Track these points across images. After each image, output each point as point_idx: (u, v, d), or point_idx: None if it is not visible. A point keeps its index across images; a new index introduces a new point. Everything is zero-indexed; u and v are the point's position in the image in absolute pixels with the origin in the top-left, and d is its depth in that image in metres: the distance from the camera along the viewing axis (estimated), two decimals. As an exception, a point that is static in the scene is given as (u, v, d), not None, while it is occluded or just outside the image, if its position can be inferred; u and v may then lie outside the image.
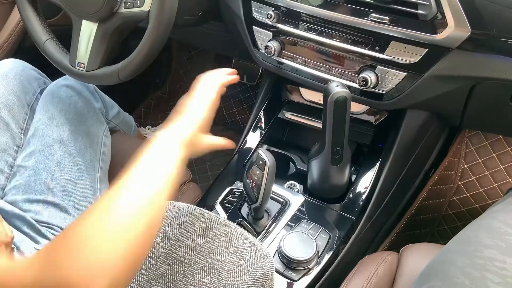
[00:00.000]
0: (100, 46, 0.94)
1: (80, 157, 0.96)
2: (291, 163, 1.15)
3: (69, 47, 0.99)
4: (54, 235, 0.85)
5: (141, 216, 0.47)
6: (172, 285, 0.62)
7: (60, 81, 1.05)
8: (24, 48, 1.33)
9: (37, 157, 0.92)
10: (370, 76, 0.87)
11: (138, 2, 0.88)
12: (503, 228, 0.59)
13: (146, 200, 0.49)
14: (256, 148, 1.14)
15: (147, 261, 0.65)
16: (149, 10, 0.87)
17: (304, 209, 0.97)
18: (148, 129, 1.65)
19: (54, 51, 1.01)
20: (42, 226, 0.85)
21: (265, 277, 0.66)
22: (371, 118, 1.09)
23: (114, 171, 1.06)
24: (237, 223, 0.93)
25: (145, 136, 1.56)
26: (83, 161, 0.96)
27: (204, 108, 0.64)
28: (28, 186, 0.89)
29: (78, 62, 0.97)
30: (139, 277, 0.64)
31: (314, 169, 0.96)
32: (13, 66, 1.05)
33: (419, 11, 0.77)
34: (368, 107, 1.05)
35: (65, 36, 1.01)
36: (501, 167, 1.23)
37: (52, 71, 1.04)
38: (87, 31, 0.94)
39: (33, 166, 0.91)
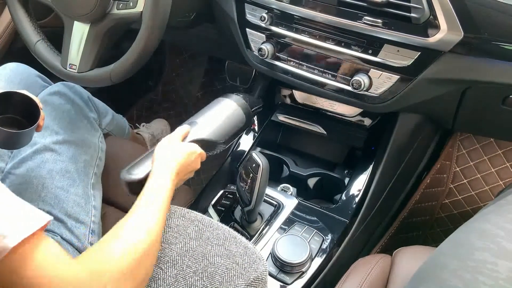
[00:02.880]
0: (92, 48, 0.94)
1: (73, 165, 0.95)
2: (284, 166, 1.15)
3: (60, 49, 0.98)
4: (53, 238, 0.84)
5: (149, 235, 0.60)
6: (164, 289, 0.62)
7: (53, 87, 1.04)
8: (15, 50, 1.32)
9: (28, 164, 0.91)
10: (363, 79, 0.87)
11: (131, 4, 0.88)
12: (494, 231, 0.59)
13: (152, 222, 0.62)
14: (250, 150, 1.14)
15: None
16: (142, 12, 0.87)
17: (297, 212, 0.97)
18: (143, 126, 1.64)
19: (45, 52, 1.00)
20: None
21: (259, 280, 0.66)
22: (364, 121, 1.09)
23: (107, 175, 1.05)
24: (230, 226, 0.93)
25: (138, 134, 1.55)
26: (76, 168, 0.95)
27: (175, 151, 0.76)
28: (18, 194, 0.87)
29: (70, 64, 0.96)
30: (131, 281, 0.63)
31: None
32: (19, 71, 1.04)
33: (412, 14, 0.78)
34: (361, 110, 1.06)
35: (57, 38, 1.00)
36: (493, 170, 1.24)
37: (49, 73, 1.03)
38: (79, 32, 0.94)
39: (23, 174, 0.90)
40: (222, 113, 0.93)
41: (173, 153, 0.74)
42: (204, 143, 0.84)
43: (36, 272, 0.49)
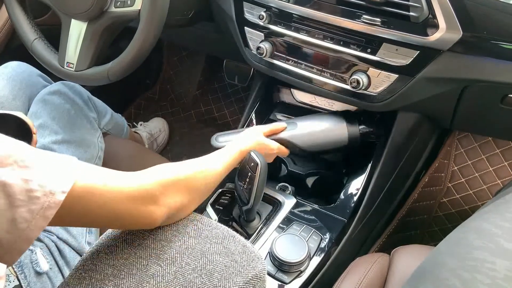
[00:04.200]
0: (90, 46, 0.93)
1: None
2: (282, 165, 1.15)
3: (57, 47, 0.98)
4: (49, 238, 0.84)
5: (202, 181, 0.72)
6: (164, 285, 0.61)
7: (53, 86, 1.04)
8: (12, 48, 1.31)
9: None
10: (361, 77, 0.87)
11: (129, 2, 0.88)
12: (492, 230, 0.59)
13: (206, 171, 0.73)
14: (248, 149, 1.13)
15: (138, 262, 0.64)
16: (139, 10, 0.87)
17: (295, 211, 0.97)
18: (141, 125, 1.64)
19: (43, 50, 1.00)
20: None
21: (257, 278, 0.66)
22: (363, 120, 1.09)
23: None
24: (228, 225, 0.93)
25: (136, 133, 1.55)
26: None
27: (251, 138, 0.90)
28: None
29: (67, 62, 0.96)
30: (130, 277, 0.63)
31: None
32: (21, 70, 1.04)
33: (411, 13, 0.78)
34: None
35: (54, 36, 1.00)
36: (490, 169, 1.24)
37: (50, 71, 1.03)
38: (76, 30, 0.93)
39: None
40: (324, 128, 0.95)
41: (248, 140, 0.88)
42: (292, 146, 0.94)
43: (101, 202, 0.55)
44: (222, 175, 0.79)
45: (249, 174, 0.84)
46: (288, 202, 0.98)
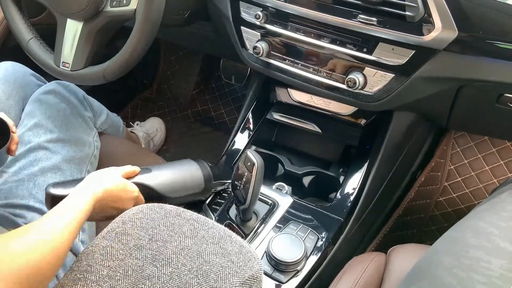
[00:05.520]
0: (85, 46, 0.93)
1: (66, 163, 0.94)
2: (279, 164, 1.15)
3: (53, 47, 0.98)
4: None
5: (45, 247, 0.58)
6: (159, 287, 0.61)
7: (48, 86, 1.04)
8: (8, 48, 1.30)
9: (21, 162, 0.91)
10: (358, 77, 0.88)
11: (125, 1, 0.87)
12: (488, 229, 0.59)
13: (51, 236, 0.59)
14: (245, 149, 1.13)
15: (133, 263, 0.64)
16: (135, 9, 0.86)
17: (292, 211, 0.97)
18: (137, 124, 1.64)
19: (38, 50, 0.99)
20: None
21: (253, 279, 0.66)
22: (359, 120, 1.09)
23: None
24: (225, 225, 0.93)
25: (133, 132, 1.55)
26: (69, 166, 0.95)
27: (109, 179, 0.75)
28: (10, 191, 0.87)
29: (63, 62, 0.96)
30: (126, 279, 0.63)
31: None
32: (14, 70, 1.03)
33: (407, 13, 0.78)
34: (356, 108, 1.06)
35: (50, 36, 0.99)
36: (487, 168, 1.24)
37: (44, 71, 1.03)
38: (72, 30, 0.93)
39: (16, 172, 0.90)
40: (180, 171, 0.91)
41: (104, 180, 0.74)
42: (148, 191, 0.84)
43: None
44: (71, 240, 0.63)
45: (246, 173, 0.84)
46: (285, 202, 0.98)
